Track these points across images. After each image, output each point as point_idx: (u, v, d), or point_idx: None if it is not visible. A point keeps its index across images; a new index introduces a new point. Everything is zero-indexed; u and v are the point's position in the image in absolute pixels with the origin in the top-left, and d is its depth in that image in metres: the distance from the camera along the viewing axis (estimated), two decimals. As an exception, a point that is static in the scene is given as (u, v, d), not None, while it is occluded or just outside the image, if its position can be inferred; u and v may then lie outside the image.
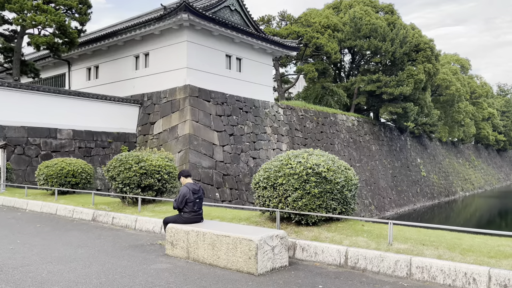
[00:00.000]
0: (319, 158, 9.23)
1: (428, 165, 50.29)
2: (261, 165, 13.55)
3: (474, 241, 7.68)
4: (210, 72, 25.74)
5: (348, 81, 40.04)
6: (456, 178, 56.34)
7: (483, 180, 66.39)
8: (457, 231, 8.16)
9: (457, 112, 51.24)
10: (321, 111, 35.88)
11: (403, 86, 36.97)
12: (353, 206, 9.64)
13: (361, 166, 37.76)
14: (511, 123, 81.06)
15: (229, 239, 7.39)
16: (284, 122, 31.32)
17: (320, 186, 8.76)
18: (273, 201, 9.23)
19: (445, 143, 58.85)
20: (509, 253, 7.02)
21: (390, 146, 43.56)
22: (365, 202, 35.68)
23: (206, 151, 24.25)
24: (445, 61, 52.66)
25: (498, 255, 6.97)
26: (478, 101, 62.23)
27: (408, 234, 8.24)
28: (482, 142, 71.76)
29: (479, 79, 65.71)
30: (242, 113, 27.67)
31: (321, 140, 34.95)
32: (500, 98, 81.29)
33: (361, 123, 39.94)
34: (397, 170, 42.60)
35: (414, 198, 43.26)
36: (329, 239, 8.43)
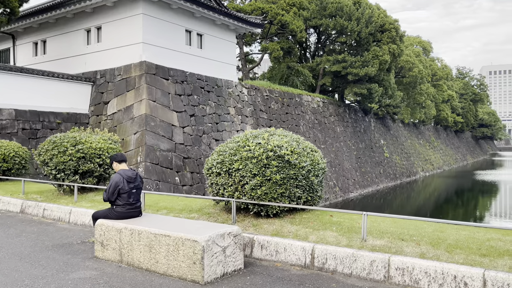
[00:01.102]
0: (282, 139, 7.77)
1: (391, 146, 50.18)
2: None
3: (460, 235, 6.49)
4: (169, 48, 23.72)
5: (314, 61, 38.74)
6: (417, 159, 56.73)
7: (442, 160, 67.42)
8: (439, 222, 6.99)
9: (419, 94, 51.13)
10: (286, 91, 34.51)
11: (368, 67, 36.03)
12: (321, 193, 8.28)
13: (326, 147, 36.85)
14: (468, 105, 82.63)
15: (169, 240, 5.85)
16: (248, 103, 29.77)
17: (282, 171, 7.33)
18: (228, 190, 7.73)
19: (407, 125, 59.01)
20: (503, 249, 5.87)
21: (355, 128, 42.89)
22: (329, 183, 34.87)
23: (164, 133, 22.44)
24: (408, 43, 52.27)
25: (491, 253, 5.80)
26: (438, 84, 62.60)
27: (384, 227, 6.96)
28: (441, 124, 72.70)
29: (440, 61, 66.12)
30: (204, 92, 25.90)
31: (287, 121, 33.66)
32: (458, 81, 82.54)
33: (326, 105, 38.91)
34: (361, 152, 42.07)
35: (377, 179, 42.98)
36: (293, 234, 7.04)
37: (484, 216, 30.46)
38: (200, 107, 25.05)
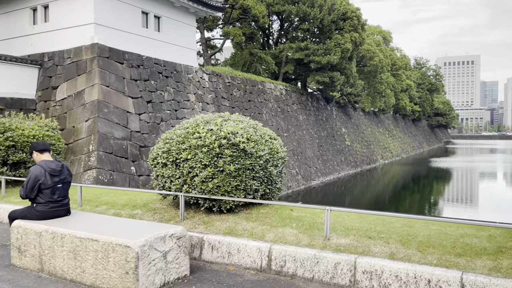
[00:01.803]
0: (237, 125, 6.82)
1: (352, 134, 50.35)
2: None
3: (431, 230, 5.81)
4: (123, 31, 22.12)
5: (277, 48, 37.86)
6: (377, 147, 57.37)
7: (400, 148, 68.69)
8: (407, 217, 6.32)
9: (379, 83, 51.42)
10: (249, 78, 33.50)
11: (330, 55, 35.52)
12: (280, 185, 7.43)
13: (288, 136, 36.27)
14: (425, 94, 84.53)
15: (97, 245, 4.80)
16: (209, 89, 28.57)
17: (237, 161, 6.41)
18: (176, 183, 6.72)
19: (368, 113, 59.47)
20: (480, 247, 5.22)
21: (317, 116, 42.55)
22: (292, 172, 34.37)
23: (119, 120, 20.97)
24: (369, 33, 52.31)
25: (467, 252, 5.14)
26: (397, 73, 63.37)
27: (349, 223, 6.20)
28: (400, 112, 73.95)
29: (399, 51, 66.95)
30: (162, 78, 24.50)
31: (249, 109, 32.71)
32: (416, 71, 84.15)
33: (289, 93, 38.24)
34: (323, 140, 41.84)
35: (338, 167, 42.96)
36: (248, 232, 6.15)
37: (438, 202, 30.89)
38: (158, 93, 23.67)
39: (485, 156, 77.87)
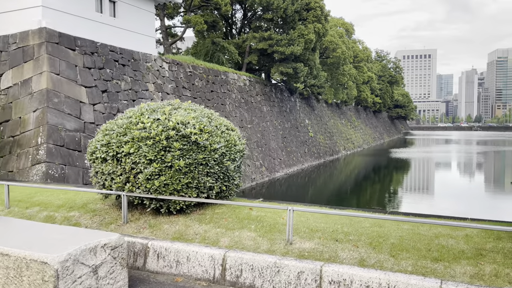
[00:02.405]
0: (188, 114, 5.96)
1: (315, 126, 50.30)
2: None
3: (403, 231, 5.22)
4: (75, 15, 20.55)
5: (240, 38, 36.90)
6: (340, 138, 57.72)
7: (362, 139, 69.58)
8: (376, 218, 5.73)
9: (342, 75, 51.47)
10: (211, 68, 32.41)
11: (294, 45, 34.93)
12: (239, 181, 6.66)
13: (252, 127, 35.57)
14: (385, 87, 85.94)
15: (8, 260, 3.87)
16: (169, 79, 27.33)
17: (188, 155, 5.57)
18: (117, 180, 5.80)
19: (331, 105, 59.66)
20: (457, 250, 4.66)
21: (281, 107, 42.06)
22: (256, 163, 33.75)
23: (71, 111, 19.51)
24: (332, 24, 52.18)
25: (443, 255, 4.56)
26: (359, 65, 63.83)
27: (313, 223, 5.52)
28: (361, 104, 74.82)
29: (361, 44, 67.43)
30: (118, 66, 23.08)
31: (212, 99, 31.70)
32: (377, 63, 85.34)
33: (253, 83, 37.45)
34: (287, 131, 41.44)
35: (302, 158, 42.74)
36: (200, 237, 5.34)
37: (398, 192, 31.20)
38: (114, 82, 22.27)
39: (441, 146, 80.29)
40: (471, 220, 5.88)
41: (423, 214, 6.48)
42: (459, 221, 5.38)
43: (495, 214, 20.72)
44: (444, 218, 6.09)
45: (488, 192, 30.24)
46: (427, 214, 6.44)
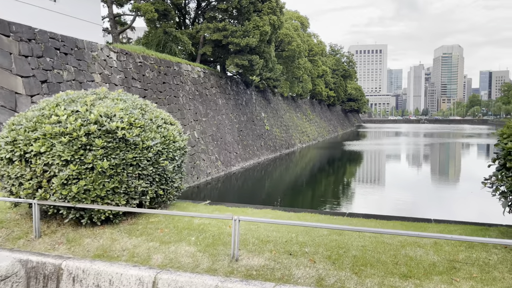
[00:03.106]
0: (116, 105, 4.95)
1: (271, 119, 49.86)
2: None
3: (365, 239, 4.53)
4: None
5: (193, 28, 35.52)
6: (295, 131, 57.71)
7: (317, 132, 70.09)
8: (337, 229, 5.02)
9: (297, 68, 51.23)
10: (163, 59, 30.89)
11: (249, 37, 34.05)
12: (180, 183, 5.73)
13: (207, 120, 34.45)
14: (339, 80, 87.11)
15: None
16: (118, 70, 25.67)
17: (114, 154, 4.59)
18: (27, 186, 4.71)
19: (286, 98, 59.44)
20: (428, 262, 4.02)
21: (237, 100, 41.15)
22: (211, 158, 32.72)
23: (5, 102, 17.65)
24: (287, 17, 51.75)
25: (413, 270, 3.89)
26: (314, 59, 63.98)
27: (265, 231, 4.72)
28: (316, 98, 75.33)
29: (316, 37, 67.61)
30: (60, 55, 21.26)
31: (164, 91, 30.27)
32: (331, 57, 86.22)
33: (208, 75, 36.24)
34: (243, 125, 40.64)
35: (258, 152, 42.16)
36: (129, 253, 4.40)
37: (351, 183, 31.34)
38: (55, 72, 20.46)
39: (391, 139, 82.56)
40: (435, 223, 5.31)
41: (385, 216, 5.86)
42: (426, 229, 4.76)
43: (444, 204, 21.04)
44: (408, 221, 5.49)
45: (434, 183, 31.02)
46: (389, 216, 5.83)
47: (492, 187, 4.44)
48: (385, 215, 5.93)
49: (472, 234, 4.48)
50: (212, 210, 5.62)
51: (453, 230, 4.71)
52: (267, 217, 5.41)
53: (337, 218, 5.53)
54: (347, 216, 5.85)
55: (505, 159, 4.29)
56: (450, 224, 5.17)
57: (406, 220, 5.57)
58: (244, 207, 6.02)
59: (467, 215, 18.31)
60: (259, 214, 5.53)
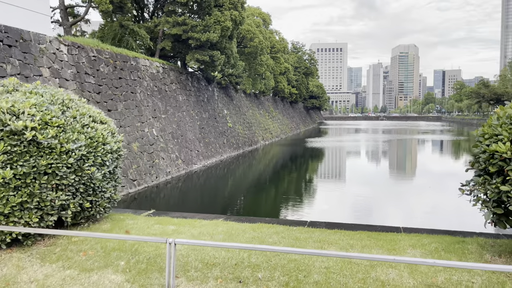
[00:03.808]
0: (27, 100, 3.99)
1: (234, 116, 49.02)
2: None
3: (329, 257, 3.84)
4: None
5: (152, 22, 34.04)
6: (258, 128, 57.15)
7: (280, 129, 69.87)
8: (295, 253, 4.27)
9: (259, 65, 50.59)
10: (119, 53, 29.33)
11: (210, 32, 32.99)
12: (112, 193, 4.81)
13: (167, 117, 33.17)
14: (301, 78, 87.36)
15: None
16: (69, 64, 24.03)
17: (23, 161, 3.65)
18: None
19: (249, 95, 58.75)
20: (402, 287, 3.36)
21: (198, 97, 39.99)
22: (171, 156, 31.52)
23: None
24: (249, 13, 50.98)
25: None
26: (276, 56, 63.57)
27: (211, 252, 3.90)
28: (279, 95, 75.11)
29: (278, 34, 67.20)
30: (3, 47, 19.52)
31: (120, 87, 28.77)
32: (293, 55, 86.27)
33: (167, 71, 34.90)
34: (204, 122, 39.57)
35: (221, 149, 41.23)
36: (37, 287, 3.49)
37: (313, 179, 31.13)
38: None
39: (352, 135, 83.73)
40: (405, 234, 4.69)
41: (350, 224, 5.20)
42: (397, 242, 4.11)
43: (405, 199, 21.01)
44: (375, 230, 4.84)
45: (392, 177, 31.30)
46: (355, 225, 5.17)
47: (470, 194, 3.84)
48: (350, 224, 5.26)
49: (450, 248, 3.87)
50: (153, 223, 4.75)
51: (427, 243, 4.09)
52: (218, 230, 4.60)
53: (297, 229, 4.81)
54: (308, 225, 5.15)
55: (486, 163, 3.69)
56: (422, 235, 4.56)
57: (373, 229, 4.92)
58: (192, 218, 5.18)
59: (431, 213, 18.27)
60: (208, 227, 4.71)
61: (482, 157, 3.72)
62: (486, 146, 3.69)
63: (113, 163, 4.62)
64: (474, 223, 15.69)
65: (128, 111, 27.66)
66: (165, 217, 5.21)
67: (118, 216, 5.09)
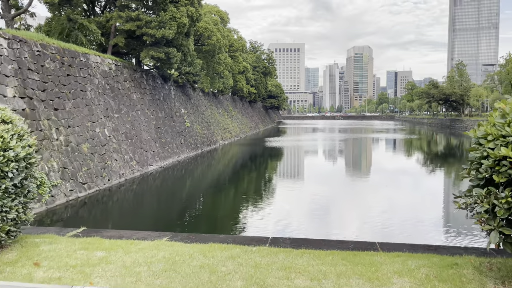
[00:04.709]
0: None
1: (192, 115, 47.66)
2: None
3: None
4: None
5: (104, 17, 32.18)
6: (217, 128, 56.03)
7: (239, 129, 69.06)
8: None
9: (217, 63, 49.52)
10: (67, 49, 27.38)
11: (165, 28, 31.59)
12: (21, 213, 3.74)
13: (120, 117, 31.44)
14: (260, 77, 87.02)
15: None
16: (9, 59, 21.98)
17: None
18: None
19: (207, 94, 57.50)
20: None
21: (154, 95, 38.38)
22: (125, 157, 29.86)
23: None
24: (207, 11, 49.76)
25: None
26: (235, 55, 62.68)
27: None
28: (238, 94, 74.31)
29: (236, 33, 66.26)
30: None
31: (68, 85, 26.83)
32: (252, 54, 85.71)
33: (120, 68, 33.10)
34: (161, 121, 38.04)
35: (178, 150, 39.83)
36: None
37: (272, 178, 30.62)
38: None
39: (310, 135, 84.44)
40: (385, 254, 3.96)
41: (318, 241, 4.40)
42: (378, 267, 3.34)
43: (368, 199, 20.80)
44: (348, 248, 4.08)
45: (349, 176, 31.35)
46: (324, 241, 4.38)
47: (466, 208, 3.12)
48: (319, 240, 4.45)
49: (443, 274, 3.14)
50: (77, 248, 3.72)
51: (415, 267, 3.35)
52: (158, 257, 3.65)
53: (258, 250, 3.95)
54: (270, 244, 4.31)
55: (490, 171, 2.97)
56: (404, 254, 3.83)
57: (345, 246, 4.15)
58: (129, 239, 4.19)
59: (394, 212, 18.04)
60: (147, 252, 3.75)
61: (484, 163, 2.99)
62: (490, 149, 2.98)
63: (20, 174, 3.55)
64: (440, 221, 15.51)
65: (78, 110, 25.82)
66: (95, 238, 4.19)
67: (33, 239, 4.01)
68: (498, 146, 2.90)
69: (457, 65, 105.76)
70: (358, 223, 16.09)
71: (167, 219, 17.49)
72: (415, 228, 15.37)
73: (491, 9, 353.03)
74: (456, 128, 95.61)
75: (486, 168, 3.00)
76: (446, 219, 17.66)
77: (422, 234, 14.64)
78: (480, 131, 3.17)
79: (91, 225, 16.36)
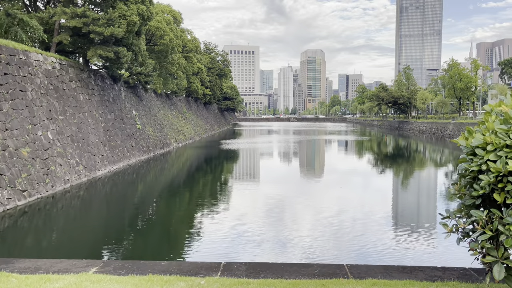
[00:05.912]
0: None
1: (144, 117, 45.91)
2: None
3: None
4: None
5: (46, 12, 30.07)
6: (170, 130, 54.48)
7: (194, 131, 67.67)
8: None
9: (171, 64, 48.10)
10: (5, 45, 25.24)
11: (114, 26, 30.02)
12: None
13: (65, 119, 29.49)
14: (215, 79, 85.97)
15: None
16: None
17: None
18: None
19: (160, 95, 55.79)
20: None
21: (102, 96, 36.48)
22: (71, 162, 27.98)
23: None
24: (159, 10, 48.23)
25: None
26: (189, 55, 61.32)
27: None
28: (192, 95, 72.84)
29: (190, 33, 64.83)
30: None
31: (6, 84, 24.71)
32: (206, 55, 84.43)
33: (65, 67, 31.09)
34: (110, 123, 36.20)
35: (129, 153, 38.11)
36: None
37: (228, 181, 30.00)
38: None
39: (265, 137, 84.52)
40: (357, 282, 3.42)
41: (277, 265, 3.79)
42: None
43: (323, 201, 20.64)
44: (313, 272, 3.50)
45: (303, 177, 31.36)
46: (284, 264, 3.78)
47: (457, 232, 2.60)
48: (279, 264, 3.83)
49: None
50: None
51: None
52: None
53: (207, 283, 3.26)
54: (223, 272, 3.64)
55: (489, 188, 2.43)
56: (379, 282, 3.29)
57: (310, 272, 3.57)
58: (46, 273, 3.36)
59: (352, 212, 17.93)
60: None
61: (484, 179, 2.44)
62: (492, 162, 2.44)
63: None
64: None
65: (16, 112, 23.80)
66: (1, 273, 3.32)
67: None
68: (502, 158, 2.39)
69: (405, 69, 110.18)
70: (318, 234, 15.74)
71: (106, 235, 16.05)
72: (378, 237, 15.23)
73: (434, 17, 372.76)
74: (404, 129, 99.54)
75: (484, 185, 2.48)
76: (406, 221, 17.75)
77: (387, 242, 14.49)
78: (477, 139, 2.60)
79: (18, 241, 14.78)
